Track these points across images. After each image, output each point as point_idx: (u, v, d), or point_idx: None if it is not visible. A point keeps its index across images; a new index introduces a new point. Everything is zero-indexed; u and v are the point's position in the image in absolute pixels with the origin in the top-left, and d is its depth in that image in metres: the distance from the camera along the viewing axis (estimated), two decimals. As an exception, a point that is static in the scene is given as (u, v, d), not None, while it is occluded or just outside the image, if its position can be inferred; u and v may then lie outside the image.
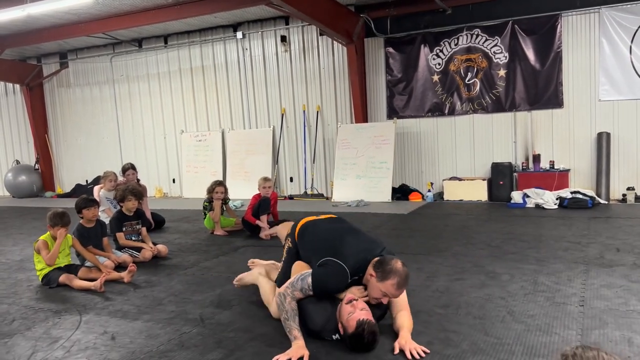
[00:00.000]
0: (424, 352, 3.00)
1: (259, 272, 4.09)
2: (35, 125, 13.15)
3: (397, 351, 3.04)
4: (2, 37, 10.87)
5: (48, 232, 4.91)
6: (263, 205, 6.70)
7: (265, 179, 6.92)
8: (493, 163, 8.93)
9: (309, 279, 3.24)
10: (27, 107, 13.20)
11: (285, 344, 3.21)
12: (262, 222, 6.66)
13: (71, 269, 4.93)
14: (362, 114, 9.74)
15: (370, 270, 3.22)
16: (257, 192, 6.92)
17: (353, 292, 3.30)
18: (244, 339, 3.38)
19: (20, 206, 11.35)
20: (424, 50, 9.37)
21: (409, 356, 2.96)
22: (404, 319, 3.26)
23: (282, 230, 4.26)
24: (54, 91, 13.28)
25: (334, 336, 3.21)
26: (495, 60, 8.91)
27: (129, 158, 11.37)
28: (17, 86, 13.33)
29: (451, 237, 6.13)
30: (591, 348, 1.56)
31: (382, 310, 3.34)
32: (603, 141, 8.26)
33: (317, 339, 3.24)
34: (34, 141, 13.36)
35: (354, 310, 3.09)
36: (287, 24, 10.42)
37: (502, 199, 8.64)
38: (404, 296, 3.35)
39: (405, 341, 3.06)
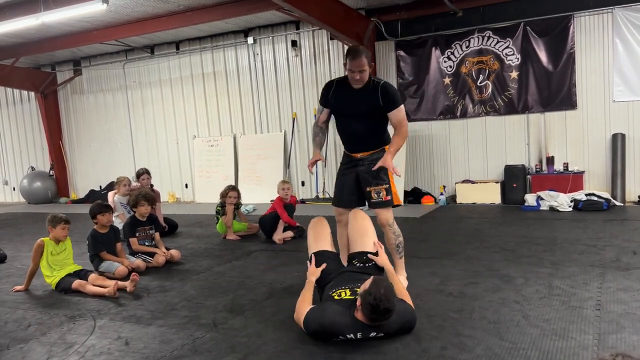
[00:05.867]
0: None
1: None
2: (49, 132, 13.30)
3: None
4: (17, 45, 11.01)
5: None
6: (288, 211, 6.85)
7: (284, 182, 6.98)
8: (506, 165, 8.87)
9: None
10: (41, 114, 13.36)
11: (298, 350, 3.21)
12: (279, 232, 6.71)
13: (81, 274, 4.96)
14: (373, 118, 9.71)
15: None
16: (277, 196, 6.92)
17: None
18: (257, 343, 3.38)
19: (35, 212, 11.47)
20: (435, 53, 9.34)
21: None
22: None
23: None
24: (67, 98, 13.42)
25: (348, 335, 3.20)
26: (507, 62, 8.85)
27: (142, 164, 11.45)
28: (32, 93, 13.49)
29: (464, 241, 6.08)
30: (631, 357, 1.52)
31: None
32: (618, 142, 8.16)
33: (336, 339, 3.22)
34: (49, 148, 13.51)
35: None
36: (297, 28, 10.45)
37: (515, 202, 8.56)
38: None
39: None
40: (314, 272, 3.77)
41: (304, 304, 3.48)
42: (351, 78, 4.07)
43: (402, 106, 4.19)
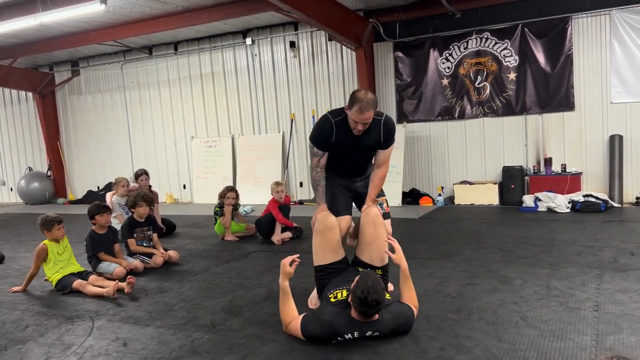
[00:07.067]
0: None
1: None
2: (47, 133, 13.29)
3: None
4: (15, 45, 11.00)
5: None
6: (284, 211, 6.82)
7: (277, 184, 6.95)
8: (504, 167, 8.88)
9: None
10: (39, 115, 13.35)
11: (296, 351, 3.21)
12: (278, 233, 6.69)
13: (83, 275, 4.97)
14: (371, 119, 9.71)
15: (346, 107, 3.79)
16: (271, 197, 6.91)
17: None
18: (255, 344, 3.38)
19: (32, 213, 11.43)
20: (433, 54, 9.35)
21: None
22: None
23: None
24: (65, 98, 13.41)
25: (346, 335, 3.22)
26: (505, 64, 8.87)
27: (140, 164, 11.45)
28: (30, 94, 13.48)
29: (462, 242, 6.09)
30: (627, 359, 1.53)
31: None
32: (615, 144, 8.18)
33: (333, 340, 3.24)
34: (46, 148, 13.49)
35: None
36: (296, 29, 10.46)
37: (513, 203, 8.57)
38: (387, 152, 4.02)
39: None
40: (286, 272, 3.56)
41: (291, 314, 3.44)
42: (353, 127, 3.80)
43: (394, 144, 4.10)
